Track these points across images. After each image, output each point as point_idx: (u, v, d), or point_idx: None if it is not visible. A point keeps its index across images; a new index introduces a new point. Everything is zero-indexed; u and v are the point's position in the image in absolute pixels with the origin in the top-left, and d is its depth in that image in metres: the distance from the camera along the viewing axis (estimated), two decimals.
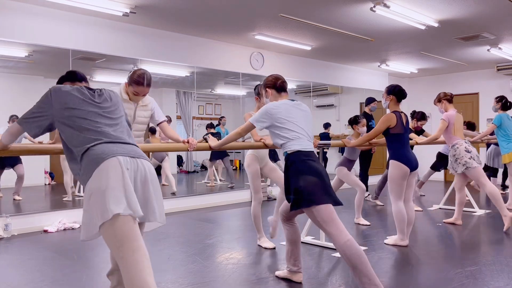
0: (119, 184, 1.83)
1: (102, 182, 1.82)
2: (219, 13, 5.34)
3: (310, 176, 2.61)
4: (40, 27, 4.95)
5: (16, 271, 3.38)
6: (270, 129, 2.83)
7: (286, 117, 2.76)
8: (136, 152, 1.99)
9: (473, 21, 5.71)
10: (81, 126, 1.95)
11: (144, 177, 1.96)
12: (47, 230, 4.78)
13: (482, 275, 3.14)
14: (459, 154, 4.68)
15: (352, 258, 2.50)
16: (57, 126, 2.00)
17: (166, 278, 3.15)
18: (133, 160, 1.94)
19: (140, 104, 3.10)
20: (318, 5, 5.00)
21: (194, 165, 10.36)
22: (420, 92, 10.59)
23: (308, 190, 2.58)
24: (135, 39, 5.79)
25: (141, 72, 2.96)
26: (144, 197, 1.95)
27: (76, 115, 1.96)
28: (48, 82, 6.21)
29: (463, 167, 4.65)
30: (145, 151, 3.28)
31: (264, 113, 2.79)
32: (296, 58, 7.93)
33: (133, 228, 1.86)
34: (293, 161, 2.68)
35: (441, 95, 4.94)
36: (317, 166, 2.68)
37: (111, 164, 1.85)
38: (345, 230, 2.58)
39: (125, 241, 1.83)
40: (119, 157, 1.88)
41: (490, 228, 4.78)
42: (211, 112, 10.51)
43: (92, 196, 1.83)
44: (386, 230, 4.71)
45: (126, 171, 1.87)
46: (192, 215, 5.85)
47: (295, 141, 2.73)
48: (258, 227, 4.10)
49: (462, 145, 4.68)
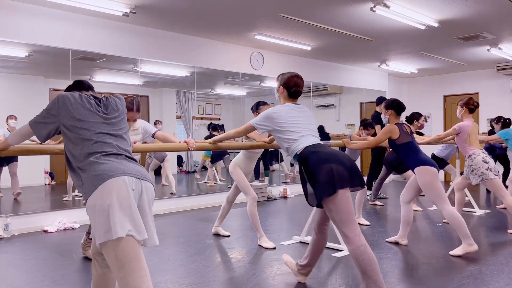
0: (126, 204, 1.83)
1: (107, 200, 1.80)
2: (219, 13, 5.34)
3: (327, 164, 2.49)
4: (40, 27, 4.95)
5: (16, 271, 3.38)
6: (274, 134, 2.82)
7: (287, 120, 2.74)
8: (141, 173, 1.98)
9: (473, 21, 5.71)
10: (85, 137, 1.95)
11: (147, 201, 1.96)
12: (47, 230, 4.78)
13: (482, 275, 3.14)
14: (475, 164, 4.42)
15: (363, 263, 2.46)
16: (62, 134, 2.01)
17: (166, 278, 3.15)
18: (137, 181, 1.93)
19: (131, 129, 3.34)
20: (318, 5, 5.00)
21: (194, 165, 10.36)
22: (420, 92, 10.59)
23: (326, 178, 2.46)
24: (135, 39, 5.79)
25: (130, 98, 3.28)
26: (144, 221, 1.94)
27: (81, 126, 1.97)
28: (48, 82, 6.22)
29: (479, 178, 4.40)
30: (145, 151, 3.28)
31: (265, 117, 2.78)
32: (296, 58, 7.93)
33: (135, 249, 1.84)
34: (305, 157, 2.60)
35: (465, 100, 4.65)
36: (330, 152, 2.58)
37: (118, 183, 1.84)
38: (361, 234, 2.52)
39: (126, 262, 1.81)
40: (126, 177, 1.87)
41: (490, 228, 4.78)
42: (211, 112, 10.50)
43: (96, 213, 1.81)
44: (386, 230, 4.71)
45: (132, 192, 1.87)
46: (192, 215, 5.85)
47: (301, 140, 2.69)
48: (257, 227, 4.10)
49: (479, 155, 4.45)
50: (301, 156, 2.64)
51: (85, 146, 1.94)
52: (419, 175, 3.73)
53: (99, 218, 1.80)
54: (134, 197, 1.89)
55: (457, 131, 4.56)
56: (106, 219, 1.78)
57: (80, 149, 1.94)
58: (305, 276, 3.04)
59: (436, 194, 3.67)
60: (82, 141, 1.95)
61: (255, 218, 4.07)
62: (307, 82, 8.43)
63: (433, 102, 10.33)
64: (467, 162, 4.54)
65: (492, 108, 9.39)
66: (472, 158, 4.48)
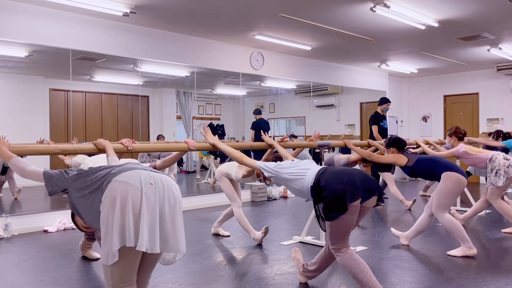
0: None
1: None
2: (219, 13, 5.34)
3: (336, 184, 2.46)
4: (40, 27, 4.95)
5: (16, 271, 3.38)
6: (281, 183, 2.82)
7: (290, 167, 2.74)
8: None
9: (473, 21, 5.71)
10: None
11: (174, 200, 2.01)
12: (47, 230, 4.78)
13: (482, 275, 3.14)
14: (498, 164, 4.30)
15: (351, 268, 2.50)
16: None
17: (166, 278, 3.15)
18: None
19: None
20: (318, 5, 5.00)
21: (194, 165, 10.36)
22: (420, 92, 10.59)
23: (337, 196, 2.43)
24: (135, 39, 5.79)
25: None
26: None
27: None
28: (48, 82, 6.22)
29: (504, 177, 4.26)
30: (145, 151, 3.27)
31: (274, 169, 2.77)
32: (296, 58, 7.92)
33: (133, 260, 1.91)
34: (317, 184, 2.54)
35: (453, 129, 4.86)
36: (335, 170, 2.59)
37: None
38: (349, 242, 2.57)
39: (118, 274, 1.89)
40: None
41: (490, 228, 4.78)
42: (211, 112, 10.50)
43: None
44: (386, 230, 4.71)
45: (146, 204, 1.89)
46: (192, 215, 5.85)
47: (308, 174, 2.64)
48: (247, 228, 4.17)
49: (499, 155, 4.39)
50: (317, 187, 2.55)
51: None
52: (446, 180, 3.59)
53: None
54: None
55: (452, 153, 4.66)
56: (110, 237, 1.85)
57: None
58: (307, 279, 3.04)
59: (447, 203, 3.62)
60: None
61: (243, 221, 4.16)
62: (307, 82, 8.45)
63: (433, 102, 10.33)
64: (489, 167, 4.39)
65: (492, 108, 9.40)
66: (493, 160, 4.37)
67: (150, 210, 1.85)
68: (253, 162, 2.91)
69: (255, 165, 2.89)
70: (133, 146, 2.80)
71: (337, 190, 2.43)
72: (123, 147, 2.74)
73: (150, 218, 1.84)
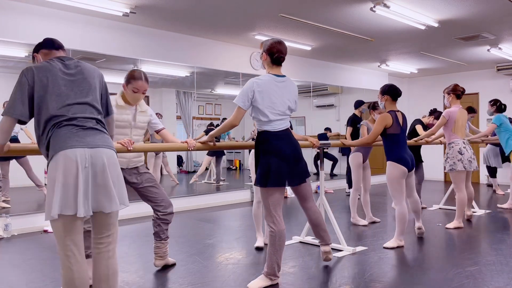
0: (71, 182, 1.90)
1: (55, 175, 1.90)
2: (219, 13, 5.34)
3: (272, 157, 2.83)
4: (40, 27, 4.95)
5: (16, 271, 3.38)
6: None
7: (264, 99, 2.86)
8: (95, 143, 2.02)
9: (473, 21, 5.71)
10: (51, 103, 2.04)
11: (102, 167, 2.00)
12: (47, 230, 4.78)
13: (482, 275, 3.14)
14: (451, 154, 4.68)
15: (278, 243, 2.87)
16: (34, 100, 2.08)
17: (166, 278, 3.15)
18: (92, 151, 1.98)
19: (139, 110, 3.16)
20: (318, 5, 5.01)
21: (194, 165, 10.36)
22: (420, 92, 10.59)
23: (262, 171, 2.84)
24: (135, 39, 5.79)
25: (138, 70, 3.12)
26: (105, 187, 2.00)
27: (48, 92, 2.07)
28: None
29: (450, 167, 4.66)
30: (145, 151, 3.28)
31: (247, 90, 2.88)
32: (296, 58, 7.93)
33: (74, 225, 1.97)
34: (261, 140, 2.91)
35: (451, 87, 4.92)
36: (281, 146, 2.84)
37: (67, 157, 1.92)
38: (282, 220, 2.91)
39: (62, 236, 1.98)
40: (77, 150, 1.94)
41: (490, 228, 4.78)
42: (211, 112, 10.52)
43: (48, 185, 1.93)
44: (386, 230, 4.71)
45: (81, 169, 1.92)
46: (192, 215, 5.85)
47: (268, 123, 2.89)
48: (258, 227, 4.10)
49: (458, 145, 4.67)
50: (258, 138, 2.93)
51: (48, 111, 2.09)
52: (389, 168, 3.89)
53: (48, 191, 1.95)
54: (87, 171, 1.96)
55: (446, 118, 4.73)
56: (51, 196, 1.92)
57: (44, 114, 2.10)
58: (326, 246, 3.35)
59: (397, 189, 3.87)
60: (46, 106, 2.11)
61: (257, 218, 4.07)
62: (307, 82, 8.45)
63: (433, 102, 10.32)
64: (446, 150, 4.76)
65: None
66: (451, 146, 4.71)
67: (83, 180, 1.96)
68: (236, 109, 2.99)
69: (238, 108, 2.97)
70: (132, 146, 2.80)
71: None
72: (122, 147, 2.75)
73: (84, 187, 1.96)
